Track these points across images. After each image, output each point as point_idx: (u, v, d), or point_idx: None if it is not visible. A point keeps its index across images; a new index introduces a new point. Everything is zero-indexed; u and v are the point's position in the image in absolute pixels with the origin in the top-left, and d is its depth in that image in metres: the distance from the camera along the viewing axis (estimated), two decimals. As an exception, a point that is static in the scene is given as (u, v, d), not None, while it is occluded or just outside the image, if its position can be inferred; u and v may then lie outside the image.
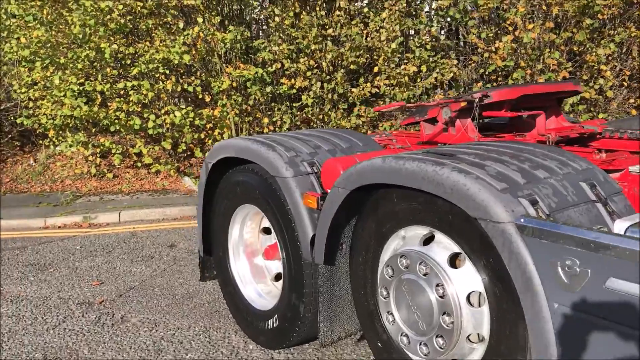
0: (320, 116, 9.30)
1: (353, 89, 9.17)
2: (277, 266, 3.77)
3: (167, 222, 7.60)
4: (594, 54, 8.26)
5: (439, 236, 2.42)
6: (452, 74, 8.78)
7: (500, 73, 9.23)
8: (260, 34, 10.59)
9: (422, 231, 2.52)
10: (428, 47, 8.89)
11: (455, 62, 9.17)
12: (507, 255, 1.99)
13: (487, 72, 9.23)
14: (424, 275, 2.42)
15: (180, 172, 9.93)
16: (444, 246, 2.40)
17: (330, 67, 9.12)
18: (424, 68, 8.95)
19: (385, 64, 8.97)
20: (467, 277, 2.30)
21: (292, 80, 9.09)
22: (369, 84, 9.19)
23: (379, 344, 2.79)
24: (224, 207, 3.79)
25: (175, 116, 9.06)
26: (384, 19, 8.78)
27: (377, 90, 9.19)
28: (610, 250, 1.70)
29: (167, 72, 9.23)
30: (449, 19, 9.65)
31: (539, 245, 1.89)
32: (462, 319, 2.31)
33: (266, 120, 9.48)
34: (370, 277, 2.79)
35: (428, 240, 2.51)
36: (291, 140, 3.40)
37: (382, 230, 2.67)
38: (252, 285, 3.75)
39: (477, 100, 3.06)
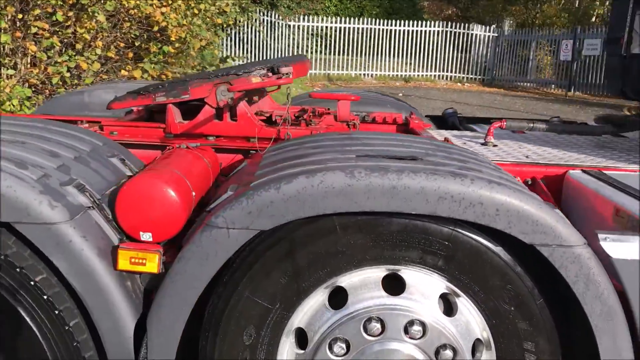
0: None
1: None
2: None
3: None
4: (88, 23, 7.53)
5: (411, 275, 1.67)
6: None
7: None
8: None
9: (375, 273, 1.68)
10: None
11: None
12: (583, 286, 1.57)
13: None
14: (419, 339, 1.63)
15: None
16: (422, 291, 1.67)
17: None
18: None
19: None
20: (469, 323, 1.69)
21: None
22: None
23: None
24: None
25: None
26: None
27: None
28: None
29: None
30: None
31: None
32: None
33: None
34: (263, 362, 1.69)
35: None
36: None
37: (300, 285, 1.64)
38: None
39: (288, 75, 2.21)
